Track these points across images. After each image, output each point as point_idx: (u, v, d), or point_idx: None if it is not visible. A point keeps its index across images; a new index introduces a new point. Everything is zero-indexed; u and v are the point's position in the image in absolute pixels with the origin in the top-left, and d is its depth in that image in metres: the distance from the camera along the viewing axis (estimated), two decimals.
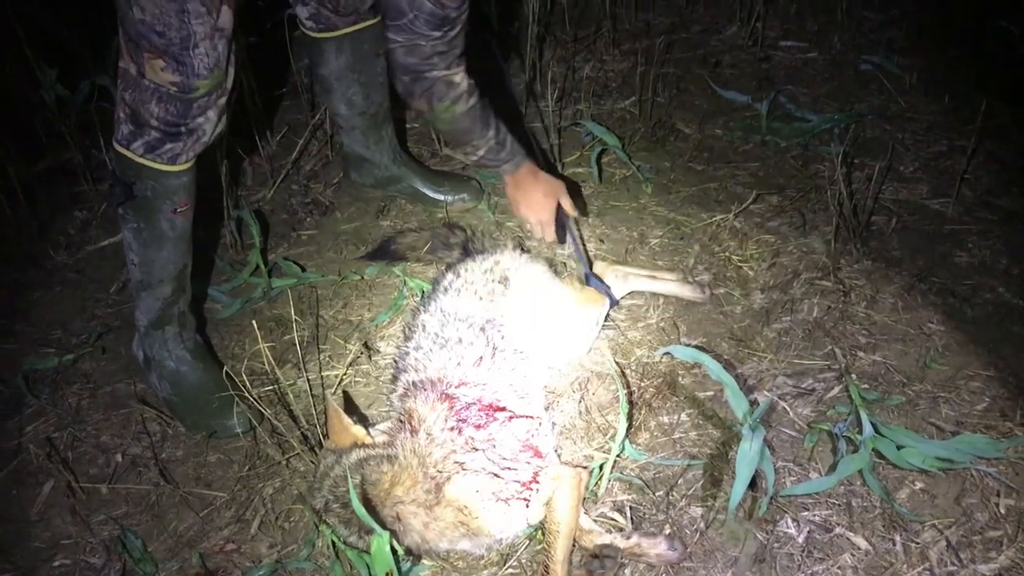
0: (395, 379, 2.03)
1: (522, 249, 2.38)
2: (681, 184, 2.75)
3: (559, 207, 2.37)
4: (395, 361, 2.08)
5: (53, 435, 2.16)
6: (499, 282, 2.16)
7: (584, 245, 2.40)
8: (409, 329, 2.12)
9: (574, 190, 2.62)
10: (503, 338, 2.06)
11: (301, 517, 1.95)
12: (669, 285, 2.37)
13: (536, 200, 2.36)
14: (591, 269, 2.33)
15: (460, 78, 2.18)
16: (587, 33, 3.41)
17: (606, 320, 2.26)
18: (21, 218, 2.68)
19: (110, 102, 3.01)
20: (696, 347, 2.13)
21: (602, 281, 2.28)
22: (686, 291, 2.36)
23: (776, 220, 2.57)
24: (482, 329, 2.04)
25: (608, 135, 2.79)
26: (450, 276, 2.19)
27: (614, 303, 2.29)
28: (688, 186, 2.73)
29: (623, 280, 2.33)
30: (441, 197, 2.72)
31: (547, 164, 2.83)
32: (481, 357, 1.98)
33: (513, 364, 2.02)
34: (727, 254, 2.47)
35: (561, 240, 2.42)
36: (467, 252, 2.37)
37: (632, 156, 2.81)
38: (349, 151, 2.70)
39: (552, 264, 2.36)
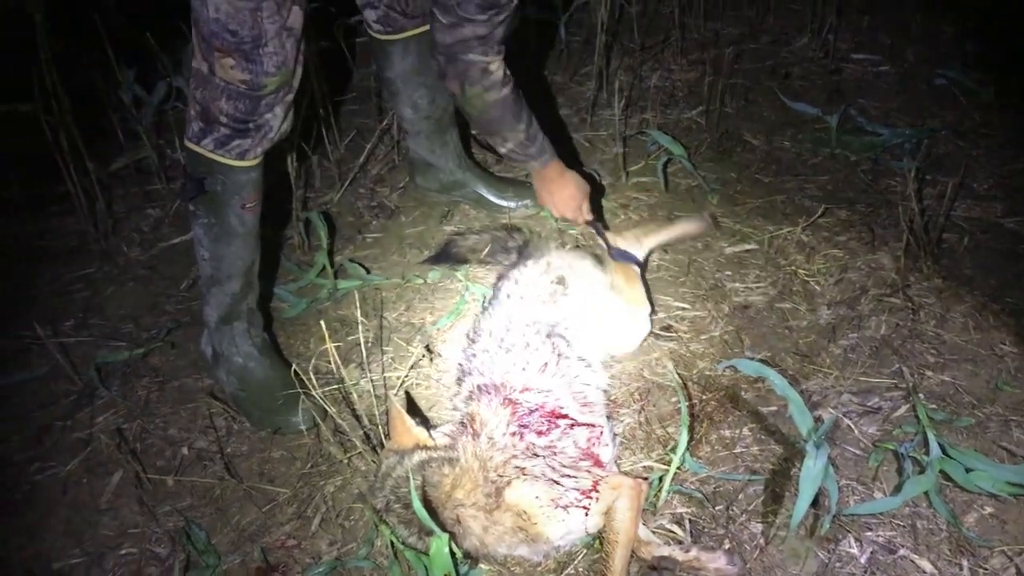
0: (460, 381, 2.04)
1: (564, 243, 2.46)
2: (747, 195, 2.72)
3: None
4: (460, 364, 2.10)
5: (123, 426, 2.22)
6: (557, 283, 2.17)
7: (601, 228, 2.42)
8: (474, 333, 2.13)
9: (597, 189, 2.65)
10: (568, 345, 2.06)
11: (361, 516, 1.97)
12: (675, 230, 2.47)
13: (561, 199, 2.38)
14: (609, 245, 2.35)
15: (496, 67, 2.15)
16: (655, 42, 3.40)
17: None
18: (97, 215, 2.75)
19: (185, 103, 3.10)
20: (760, 361, 2.10)
21: (623, 251, 2.32)
22: (692, 227, 2.48)
23: (844, 235, 2.53)
24: (548, 335, 2.05)
25: (674, 144, 2.78)
26: (511, 282, 2.20)
27: (641, 266, 2.34)
28: (754, 198, 2.71)
29: (639, 244, 2.37)
30: (505, 203, 2.73)
31: (612, 172, 2.84)
32: (546, 363, 1.99)
33: (577, 372, 2.03)
34: (793, 267, 2.44)
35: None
36: (524, 256, 2.38)
37: (698, 166, 2.80)
38: (415, 156, 2.72)
39: (593, 253, 2.39)
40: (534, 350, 2.01)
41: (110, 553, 1.96)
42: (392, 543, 1.84)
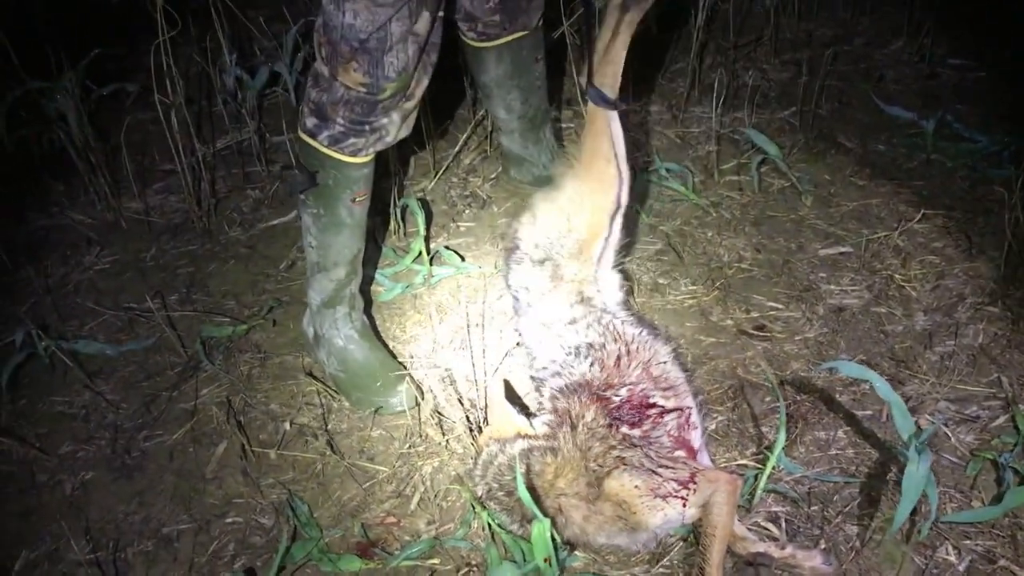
0: (539, 389, 2.07)
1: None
2: (841, 198, 2.71)
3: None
4: (533, 377, 2.13)
5: (226, 399, 2.29)
6: (541, 261, 2.16)
7: (592, 61, 2.18)
8: (532, 353, 2.15)
9: None
10: (623, 323, 2.08)
11: (458, 497, 2.02)
12: (625, 36, 2.15)
13: None
14: (591, 80, 2.15)
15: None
16: (748, 41, 3.39)
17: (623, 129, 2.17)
18: (201, 194, 2.83)
19: (283, 88, 3.18)
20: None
21: (599, 91, 2.13)
22: (634, 18, 2.14)
23: (941, 241, 2.52)
24: (601, 324, 2.06)
25: (769, 144, 2.78)
26: (520, 293, 2.20)
27: (618, 108, 2.14)
28: (849, 200, 2.70)
29: (614, 78, 2.16)
30: None
31: (704, 170, 2.84)
32: (618, 356, 2.01)
33: (650, 353, 2.03)
34: (889, 272, 2.44)
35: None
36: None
37: (791, 167, 2.79)
38: (508, 150, 2.77)
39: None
40: (601, 347, 2.03)
41: (216, 521, 2.04)
42: (490, 526, 1.88)
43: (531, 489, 1.79)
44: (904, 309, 2.34)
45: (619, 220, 2.18)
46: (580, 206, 2.14)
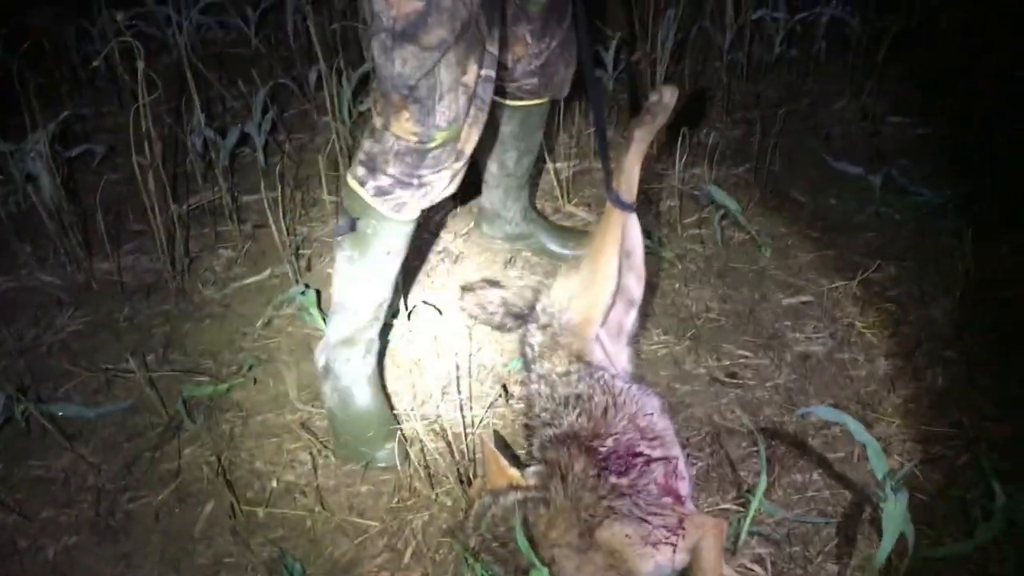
0: (529, 439, 2.13)
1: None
2: (799, 250, 2.84)
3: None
4: (527, 424, 2.19)
5: (210, 459, 2.30)
6: (544, 328, 2.26)
7: (609, 165, 2.30)
8: (529, 399, 2.21)
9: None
10: (613, 377, 2.16)
11: (450, 550, 2.05)
12: (645, 141, 2.31)
13: None
14: (611, 186, 2.28)
15: None
16: (702, 102, 3.55)
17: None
18: (175, 254, 2.85)
19: (252, 148, 3.22)
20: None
21: (618, 195, 2.26)
22: (661, 118, 2.31)
23: (895, 290, 2.65)
24: (592, 377, 2.14)
25: (728, 199, 2.90)
26: (527, 346, 2.31)
27: (632, 210, 2.28)
28: (806, 252, 2.83)
29: (629, 182, 2.29)
30: (567, 252, 2.84)
31: (667, 224, 2.95)
32: (605, 407, 2.08)
33: (636, 405, 2.11)
34: (849, 319, 2.56)
35: None
36: (513, 315, 2.52)
37: (750, 221, 2.92)
38: (486, 205, 2.84)
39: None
40: (588, 398, 2.10)
41: None
42: None
43: (527, 540, 1.83)
44: (866, 355, 2.46)
45: (633, 313, 2.32)
46: (580, 291, 2.25)
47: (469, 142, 2.03)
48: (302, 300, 2.65)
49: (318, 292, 2.68)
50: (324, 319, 2.58)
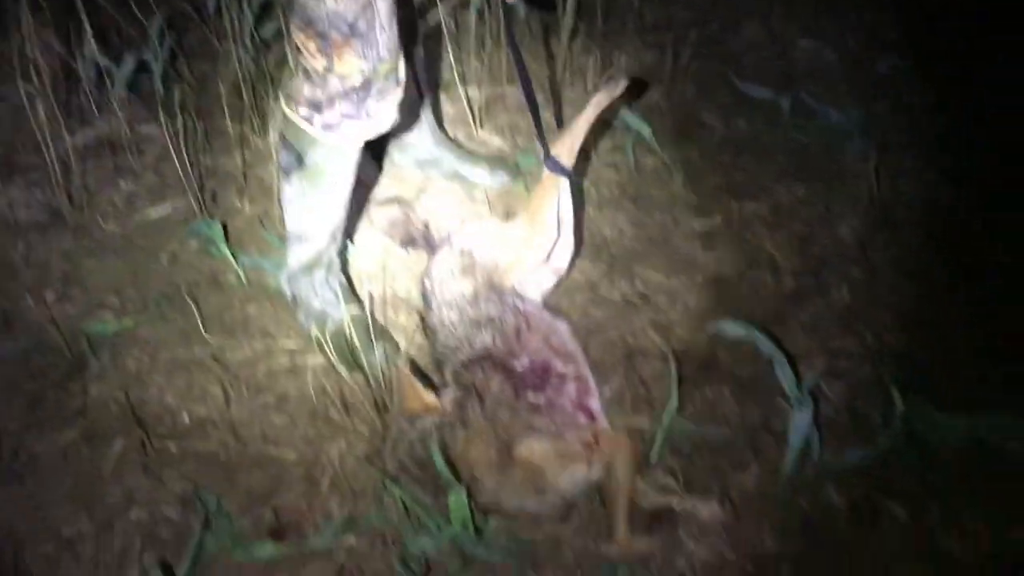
0: (441, 366, 2.13)
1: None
2: (710, 174, 2.86)
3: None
4: (434, 355, 2.20)
5: (117, 396, 2.24)
6: (465, 255, 2.27)
7: (540, 126, 2.36)
8: (433, 331, 2.22)
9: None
10: (524, 300, 2.17)
11: (369, 477, 2.05)
12: (593, 112, 2.38)
13: None
14: (548, 151, 2.33)
15: None
16: (613, 27, 3.51)
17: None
18: (72, 188, 2.73)
19: (150, 74, 3.07)
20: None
21: (558, 163, 2.30)
22: (605, 100, 2.39)
23: (804, 210, 2.70)
24: (501, 299, 2.15)
25: (641, 125, 2.90)
26: (432, 273, 2.30)
27: (570, 177, 2.33)
28: (717, 176, 2.85)
29: (571, 151, 2.35)
30: (479, 178, 2.81)
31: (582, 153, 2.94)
32: (518, 327, 2.10)
33: (548, 326, 2.14)
34: (759, 241, 2.60)
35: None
36: (428, 243, 2.49)
37: (662, 146, 2.93)
38: (391, 132, 2.77)
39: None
40: (500, 319, 2.11)
41: (120, 518, 2.00)
42: (403, 501, 1.92)
43: (445, 461, 1.84)
44: (774, 274, 2.51)
45: (555, 281, 2.35)
46: (510, 241, 2.27)
47: (402, 71, 2.01)
48: (208, 233, 2.57)
49: (224, 225, 2.61)
50: (232, 252, 2.52)
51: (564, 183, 2.30)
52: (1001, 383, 2.17)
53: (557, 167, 2.28)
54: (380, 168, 2.85)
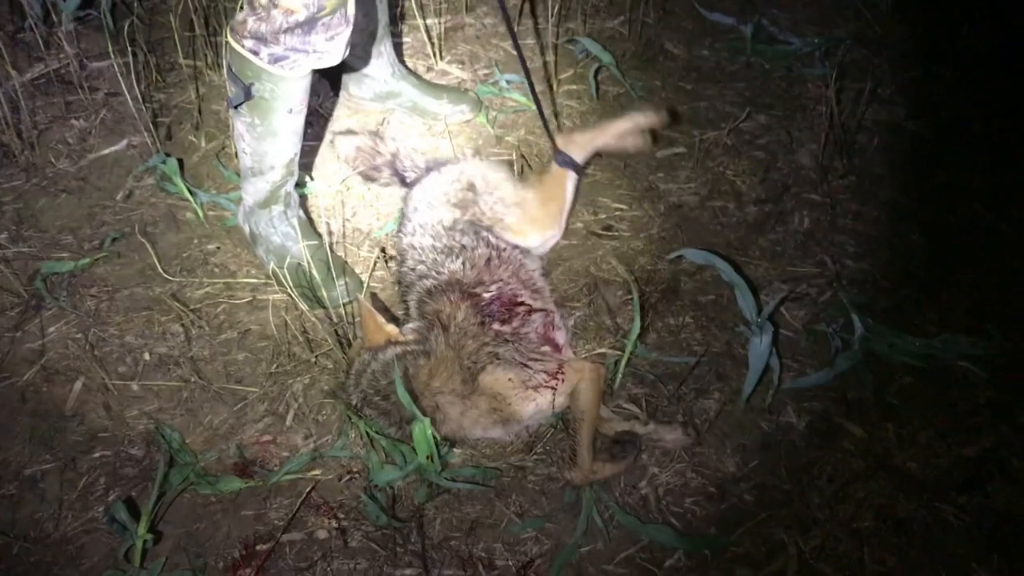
0: (406, 294, 2.12)
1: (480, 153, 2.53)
2: (672, 102, 2.84)
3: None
4: (399, 280, 2.18)
5: (76, 336, 2.21)
6: (467, 189, 2.24)
7: (546, 123, 2.43)
8: (402, 254, 2.20)
9: None
10: (498, 238, 2.16)
11: (333, 411, 2.05)
12: (624, 125, 2.44)
13: None
14: (556, 146, 2.37)
15: None
16: None
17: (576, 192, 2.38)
18: (22, 125, 2.66)
19: (99, 10, 2.98)
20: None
21: (567, 157, 2.33)
22: (641, 120, 2.45)
23: (765, 138, 2.70)
24: (476, 232, 2.14)
25: (603, 53, 2.87)
26: (418, 194, 2.27)
27: (581, 173, 2.38)
28: (679, 104, 2.83)
29: (585, 148, 2.39)
30: (440, 110, 2.77)
31: (541, 80, 2.91)
32: (489, 258, 2.09)
33: (519, 260, 2.14)
34: (721, 169, 2.60)
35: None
36: (395, 172, 2.44)
37: (624, 74, 2.90)
38: (347, 65, 2.72)
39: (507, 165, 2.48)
40: (472, 248, 2.10)
41: (83, 457, 1.99)
42: (368, 433, 1.93)
43: (408, 392, 1.84)
44: (736, 202, 2.51)
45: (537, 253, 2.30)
46: (522, 216, 2.22)
47: (350, 6, 1.95)
48: (163, 169, 2.52)
49: (180, 160, 2.56)
50: (187, 188, 2.48)
51: (572, 176, 2.32)
52: (955, 305, 2.20)
53: (568, 162, 2.31)
54: (336, 99, 2.81)
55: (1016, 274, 2.28)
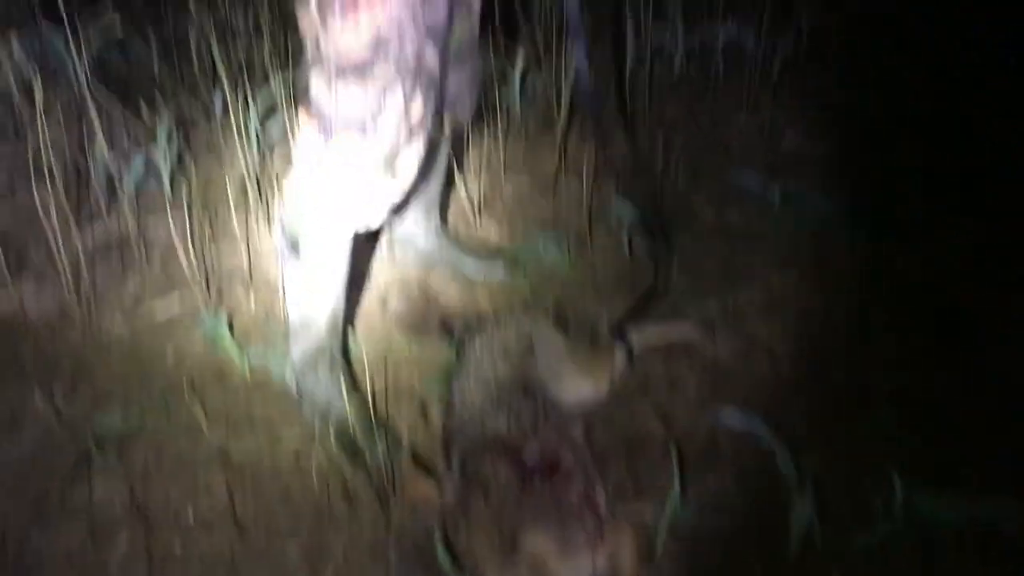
0: (448, 444, 2.16)
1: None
2: (703, 268, 2.92)
3: None
4: (444, 429, 2.22)
5: (122, 493, 2.25)
6: (523, 347, 2.32)
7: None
8: (451, 404, 2.25)
9: None
10: (546, 396, 2.21)
11: (372, 569, 2.05)
12: (678, 331, 2.57)
13: None
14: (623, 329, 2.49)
15: None
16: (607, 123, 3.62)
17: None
18: (80, 287, 2.78)
19: (159, 178, 3.16)
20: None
21: (628, 342, 2.45)
22: (695, 338, 2.58)
23: (796, 296, 2.76)
24: (525, 390, 2.19)
25: (633, 213, 2.98)
26: (470, 350, 2.35)
27: (631, 358, 2.46)
28: (711, 265, 2.92)
29: (639, 342, 2.50)
30: (478, 270, 2.87)
31: (578, 240, 3.01)
32: (535, 417, 2.13)
33: (563, 420, 2.18)
34: (753, 329, 2.65)
35: None
36: (444, 328, 2.57)
37: (655, 235, 2.99)
38: (396, 229, 2.85)
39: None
40: (517, 411, 2.14)
41: None
42: None
43: (447, 552, 1.85)
44: (771, 361, 2.55)
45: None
46: (575, 379, 2.35)
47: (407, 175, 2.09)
48: (214, 328, 2.62)
49: (230, 322, 2.66)
50: (238, 348, 2.56)
51: (623, 349, 2.44)
52: (1001, 464, 2.20)
53: (623, 341, 2.45)
54: (381, 256, 2.93)
55: None
